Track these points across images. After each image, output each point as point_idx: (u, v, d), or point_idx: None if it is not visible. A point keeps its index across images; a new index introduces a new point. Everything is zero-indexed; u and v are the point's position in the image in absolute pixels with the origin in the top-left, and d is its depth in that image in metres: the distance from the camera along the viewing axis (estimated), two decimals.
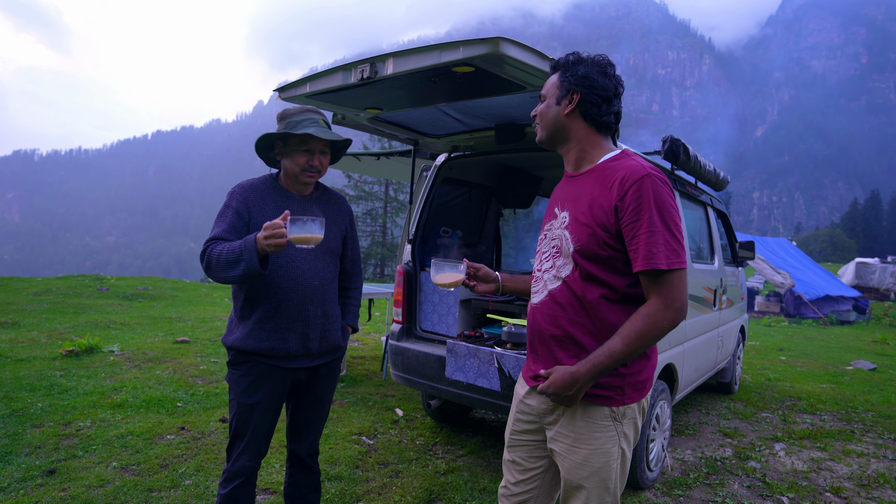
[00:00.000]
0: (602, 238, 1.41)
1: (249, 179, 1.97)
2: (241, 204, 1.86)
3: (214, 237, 1.81)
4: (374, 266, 26.10)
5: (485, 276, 1.81)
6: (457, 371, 2.77)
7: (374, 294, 5.48)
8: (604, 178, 1.46)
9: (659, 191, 1.37)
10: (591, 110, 1.48)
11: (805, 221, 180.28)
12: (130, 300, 10.24)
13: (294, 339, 1.92)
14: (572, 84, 1.48)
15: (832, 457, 3.67)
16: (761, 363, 7.14)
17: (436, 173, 3.62)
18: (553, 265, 1.54)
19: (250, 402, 1.88)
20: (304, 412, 2.08)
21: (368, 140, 23.85)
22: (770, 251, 14.44)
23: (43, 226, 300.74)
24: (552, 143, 1.59)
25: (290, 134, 1.86)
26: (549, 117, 1.54)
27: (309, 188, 2.01)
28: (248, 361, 1.89)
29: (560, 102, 1.51)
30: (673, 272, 1.35)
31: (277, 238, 1.62)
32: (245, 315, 1.90)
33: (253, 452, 1.91)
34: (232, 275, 1.71)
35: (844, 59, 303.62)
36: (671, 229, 1.36)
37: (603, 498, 1.51)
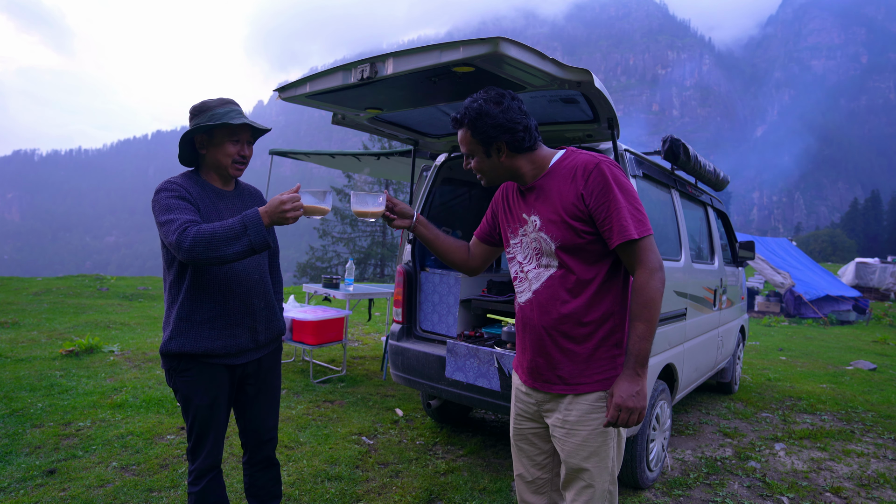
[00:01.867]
0: (577, 227, 1.55)
1: (176, 179, 1.87)
2: (187, 194, 1.80)
3: (188, 220, 1.69)
4: (374, 266, 26.10)
5: (401, 212, 1.82)
6: (457, 371, 2.78)
7: (374, 294, 5.48)
8: (562, 175, 1.59)
9: (615, 172, 1.54)
10: (518, 144, 1.59)
11: (805, 221, 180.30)
12: (130, 300, 10.24)
13: (243, 335, 1.93)
14: (490, 136, 1.58)
15: (832, 457, 3.67)
16: (761, 363, 7.14)
17: (436, 173, 3.62)
18: (538, 264, 1.65)
19: (207, 402, 1.88)
20: (257, 403, 2.07)
21: (368, 140, 23.86)
22: (770, 251, 14.44)
23: (43, 226, 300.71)
24: (502, 181, 1.72)
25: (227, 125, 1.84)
26: (489, 169, 1.65)
27: (233, 182, 2.01)
28: (196, 364, 1.86)
29: (490, 154, 1.62)
30: (644, 238, 1.51)
31: (297, 210, 1.67)
32: (189, 317, 1.84)
33: (219, 448, 1.95)
34: (231, 251, 1.66)
35: (844, 59, 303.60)
36: (632, 203, 1.52)
37: (603, 477, 1.60)
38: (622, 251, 1.54)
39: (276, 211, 1.66)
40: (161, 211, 1.76)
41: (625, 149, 2.91)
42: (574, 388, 1.60)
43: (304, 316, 4.73)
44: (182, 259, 1.67)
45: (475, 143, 1.61)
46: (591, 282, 1.58)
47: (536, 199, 1.63)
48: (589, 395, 1.59)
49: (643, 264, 1.51)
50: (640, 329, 1.50)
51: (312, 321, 4.67)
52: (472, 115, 1.58)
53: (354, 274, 5.58)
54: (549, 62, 2.03)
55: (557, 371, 1.62)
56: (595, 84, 2.12)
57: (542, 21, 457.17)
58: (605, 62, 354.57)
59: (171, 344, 1.83)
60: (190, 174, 1.93)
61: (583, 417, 1.59)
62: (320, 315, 4.78)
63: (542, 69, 2.01)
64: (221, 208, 1.91)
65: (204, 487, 1.91)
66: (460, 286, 3.41)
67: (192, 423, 1.90)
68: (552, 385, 1.64)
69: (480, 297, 3.51)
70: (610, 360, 1.59)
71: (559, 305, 1.60)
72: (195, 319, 1.84)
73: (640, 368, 1.50)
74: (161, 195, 1.79)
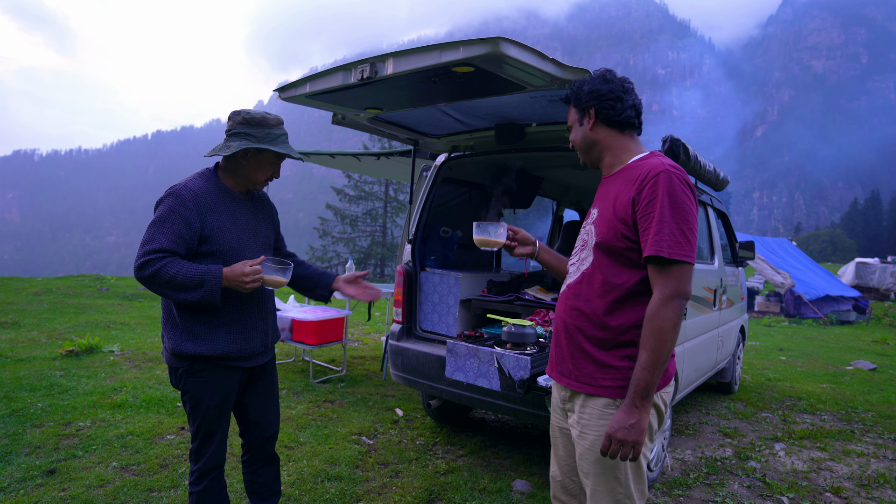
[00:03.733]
0: (620, 230, 1.50)
1: (192, 181, 1.89)
2: (193, 213, 1.81)
3: (163, 249, 1.74)
4: (374, 266, 26.10)
5: (523, 239, 1.87)
6: (457, 371, 2.77)
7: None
8: (630, 175, 1.54)
9: (673, 186, 1.43)
10: (608, 114, 1.59)
11: (805, 221, 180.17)
12: (130, 300, 10.24)
13: (257, 339, 1.99)
14: (584, 103, 1.62)
15: (832, 457, 3.66)
16: (761, 363, 7.14)
17: (436, 173, 3.62)
18: (578, 258, 1.65)
19: (217, 403, 1.92)
20: (262, 400, 2.12)
21: (368, 140, 23.85)
22: (770, 251, 14.42)
23: (43, 226, 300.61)
24: (592, 161, 1.69)
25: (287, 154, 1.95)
26: (580, 138, 1.66)
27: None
28: (210, 366, 1.89)
29: (582, 122, 1.64)
30: (674, 263, 1.40)
31: (256, 282, 1.81)
32: (203, 320, 1.86)
33: (223, 448, 1.98)
34: (181, 297, 1.75)
35: (844, 60, 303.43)
36: (679, 224, 1.41)
37: (613, 487, 1.54)
38: (650, 268, 1.45)
39: (236, 278, 1.78)
40: (155, 218, 1.80)
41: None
42: (583, 387, 1.57)
43: (304, 316, 4.73)
44: (135, 276, 1.76)
45: (573, 112, 1.67)
46: (618, 287, 1.51)
47: (604, 193, 1.62)
48: (598, 400, 1.54)
49: (662, 288, 1.41)
50: (643, 358, 1.40)
51: (312, 321, 4.67)
52: (576, 85, 1.65)
53: None
54: (548, 62, 2.03)
55: (569, 365, 1.61)
56: None
57: (544, 21, 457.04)
58: (605, 62, 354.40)
59: (187, 346, 1.85)
60: (209, 176, 1.94)
61: (591, 422, 1.55)
62: (320, 315, 4.78)
63: (542, 69, 2.01)
64: (236, 211, 1.95)
65: (205, 487, 1.93)
66: (460, 286, 3.41)
67: (199, 424, 1.91)
68: (563, 378, 1.63)
69: (480, 297, 3.51)
70: (625, 371, 1.52)
71: (582, 302, 1.57)
72: (213, 323, 1.87)
73: (638, 400, 1.40)
74: (167, 201, 1.81)
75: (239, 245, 1.91)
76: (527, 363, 2.33)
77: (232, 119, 1.93)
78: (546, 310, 3.15)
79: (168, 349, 1.91)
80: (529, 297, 3.42)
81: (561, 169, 4.36)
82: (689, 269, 1.42)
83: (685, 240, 1.41)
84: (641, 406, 1.40)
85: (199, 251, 1.84)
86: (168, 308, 1.91)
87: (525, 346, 2.51)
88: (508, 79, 2.17)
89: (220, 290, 1.78)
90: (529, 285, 3.69)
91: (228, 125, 1.93)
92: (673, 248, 1.39)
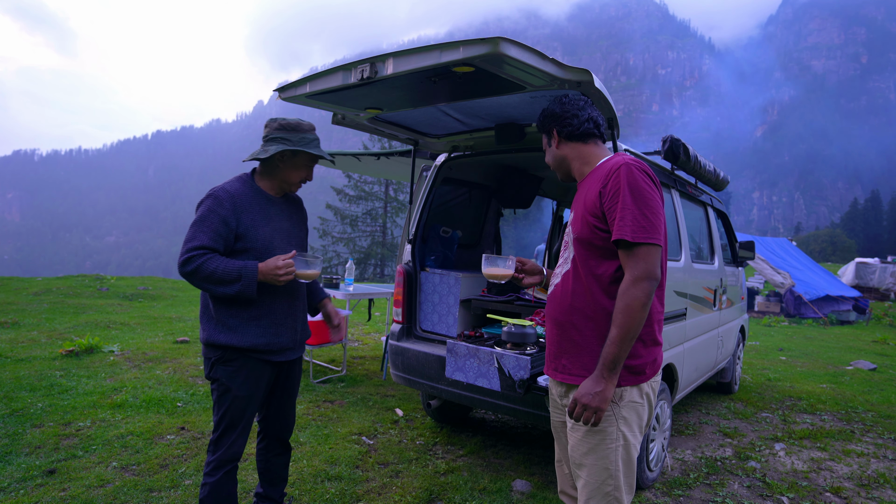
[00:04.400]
0: (591, 223, 1.61)
1: (230, 184, 2.04)
2: (229, 213, 1.96)
3: (203, 246, 1.90)
4: (374, 266, 26.10)
5: (531, 270, 1.99)
6: (457, 371, 2.77)
7: (374, 294, 5.48)
8: (597, 175, 1.67)
9: (633, 176, 1.56)
10: (569, 131, 1.75)
11: (805, 221, 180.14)
12: (130, 300, 10.24)
13: (286, 334, 2.11)
14: (546, 126, 1.80)
15: (832, 457, 3.66)
16: (761, 363, 7.14)
17: (436, 173, 3.62)
18: (563, 258, 1.77)
19: (245, 395, 2.02)
20: (286, 397, 2.27)
21: (368, 140, 23.84)
22: (770, 251, 14.43)
23: (43, 226, 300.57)
24: (566, 174, 1.84)
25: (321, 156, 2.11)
26: (551, 159, 1.83)
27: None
28: (241, 357, 2.00)
29: (550, 144, 1.82)
30: (639, 245, 1.51)
31: (289, 275, 1.96)
32: (236, 313, 1.99)
33: (242, 441, 2.08)
34: (220, 291, 1.90)
35: (844, 59, 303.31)
36: (641, 209, 1.53)
37: (603, 479, 1.60)
38: (620, 252, 1.56)
39: (270, 272, 1.93)
40: (196, 218, 1.97)
41: (625, 149, 2.91)
42: (576, 379, 1.64)
43: None
44: (178, 272, 1.91)
45: (544, 138, 1.84)
46: (600, 277, 1.61)
47: (578, 196, 1.74)
48: None
49: (632, 270, 1.52)
50: (613, 333, 1.50)
51: (312, 321, 4.67)
52: (539, 116, 1.82)
53: (354, 274, 5.58)
54: (549, 62, 2.03)
55: (563, 360, 1.69)
56: (595, 84, 2.12)
57: (544, 22, 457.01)
58: (605, 62, 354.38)
59: (220, 336, 1.98)
60: (245, 179, 2.10)
61: None
62: (320, 315, 4.77)
63: (542, 69, 2.01)
64: (272, 213, 2.10)
65: (220, 479, 2.01)
66: (460, 286, 3.41)
67: (223, 414, 2.01)
68: (558, 373, 1.71)
69: (480, 297, 3.51)
70: None
71: (570, 297, 1.66)
72: (244, 316, 2.00)
73: (605, 371, 1.51)
74: (207, 202, 1.97)
75: (271, 243, 2.05)
76: (527, 363, 2.33)
77: (269, 126, 2.08)
78: None
79: (202, 340, 2.04)
80: (529, 297, 3.42)
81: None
82: (656, 251, 1.53)
83: (648, 223, 1.52)
84: (608, 377, 1.51)
85: (234, 248, 1.98)
86: (205, 302, 2.05)
87: (525, 346, 2.52)
88: (508, 79, 2.17)
89: (256, 283, 1.92)
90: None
91: (265, 132, 2.08)
92: (637, 231, 1.50)
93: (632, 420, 1.61)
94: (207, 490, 2.00)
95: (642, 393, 1.63)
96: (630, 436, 1.61)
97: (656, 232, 1.53)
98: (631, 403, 1.61)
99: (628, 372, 1.59)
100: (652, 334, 1.63)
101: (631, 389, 1.60)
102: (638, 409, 1.62)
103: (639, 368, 1.60)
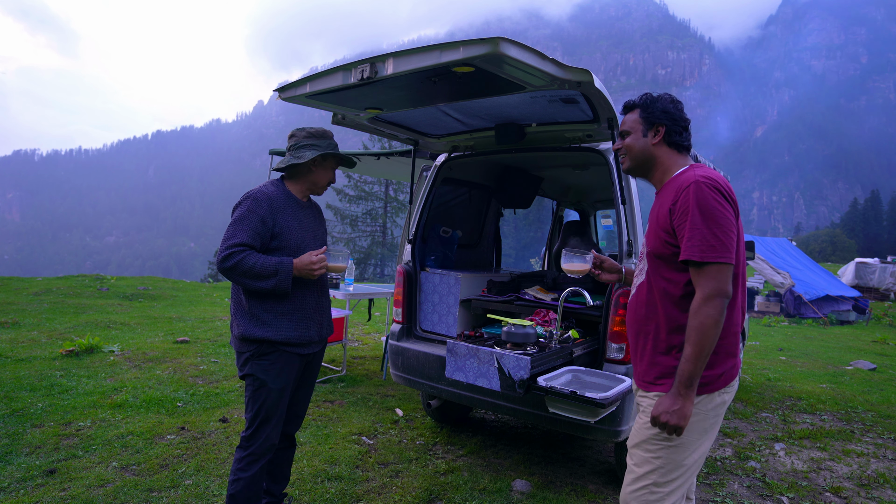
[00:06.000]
0: (663, 238, 1.66)
1: (266, 187, 2.17)
2: (267, 213, 2.09)
3: (243, 243, 2.01)
4: (374, 266, 26.10)
5: (609, 268, 2.04)
6: (457, 371, 2.77)
7: (374, 294, 5.48)
8: (670, 188, 1.70)
9: (702, 194, 1.57)
10: (675, 138, 1.76)
11: (805, 221, 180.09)
12: (130, 300, 10.24)
13: (314, 328, 2.22)
14: (656, 118, 1.75)
15: (832, 457, 3.67)
16: (761, 363, 7.14)
17: (436, 173, 3.62)
18: (638, 269, 1.84)
19: (279, 387, 2.11)
20: (304, 388, 2.36)
21: (368, 140, 23.84)
22: (770, 251, 14.43)
23: (43, 226, 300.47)
24: (640, 171, 1.83)
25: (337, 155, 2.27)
26: (638, 148, 1.79)
27: (308, 196, 2.35)
28: (274, 351, 2.09)
29: (647, 134, 1.77)
30: (707, 265, 1.54)
31: (322, 269, 2.10)
32: (269, 308, 2.10)
33: (278, 433, 2.17)
34: (258, 285, 2.01)
35: (844, 59, 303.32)
36: (711, 228, 1.55)
37: (643, 469, 1.66)
38: (691, 271, 1.60)
39: (305, 266, 2.07)
40: (235, 217, 2.07)
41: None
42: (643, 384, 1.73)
43: None
44: (217, 268, 2.03)
45: (639, 121, 1.78)
46: (670, 291, 1.65)
47: (652, 209, 1.78)
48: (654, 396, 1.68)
49: (702, 289, 1.54)
50: (688, 351, 1.54)
51: None
52: (650, 99, 1.78)
53: (354, 274, 5.58)
54: (548, 62, 2.03)
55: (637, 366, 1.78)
56: (595, 84, 2.12)
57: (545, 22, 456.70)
58: (605, 62, 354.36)
59: (256, 330, 2.06)
60: (278, 184, 2.23)
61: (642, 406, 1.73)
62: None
63: (542, 69, 2.01)
64: (300, 214, 2.23)
65: (255, 474, 2.08)
66: (460, 286, 3.41)
67: (259, 408, 2.09)
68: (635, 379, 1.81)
69: (480, 297, 3.50)
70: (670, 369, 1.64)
71: (642, 307, 1.74)
72: (277, 311, 2.10)
73: (682, 388, 1.54)
74: (246, 203, 2.09)
75: (302, 242, 2.19)
76: (527, 363, 2.33)
77: (296, 136, 2.24)
78: (546, 310, 3.15)
79: (237, 335, 2.11)
80: (529, 297, 3.42)
81: (561, 169, 4.36)
82: (726, 269, 1.54)
83: (718, 242, 1.53)
84: (685, 394, 1.54)
85: (270, 246, 2.10)
86: (238, 298, 2.13)
87: (525, 346, 2.51)
88: (508, 79, 2.17)
89: (291, 278, 2.04)
90: (529, 285, 3.69)
91: (293, 141, 2.23)
92: (705, 251, 1.53)
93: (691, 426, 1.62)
94: (242, 485, 2.06)
95: (712, 400, 1.65)
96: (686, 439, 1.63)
97: (725, 250, 1.54)
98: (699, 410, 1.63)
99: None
100: (726, 347, 1.65)
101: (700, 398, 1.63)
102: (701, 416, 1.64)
103: (707, 379, 1.62)
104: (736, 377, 1.69)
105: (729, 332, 1.64)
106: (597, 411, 2.06)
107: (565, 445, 3.66)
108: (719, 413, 1.69)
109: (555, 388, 2.15)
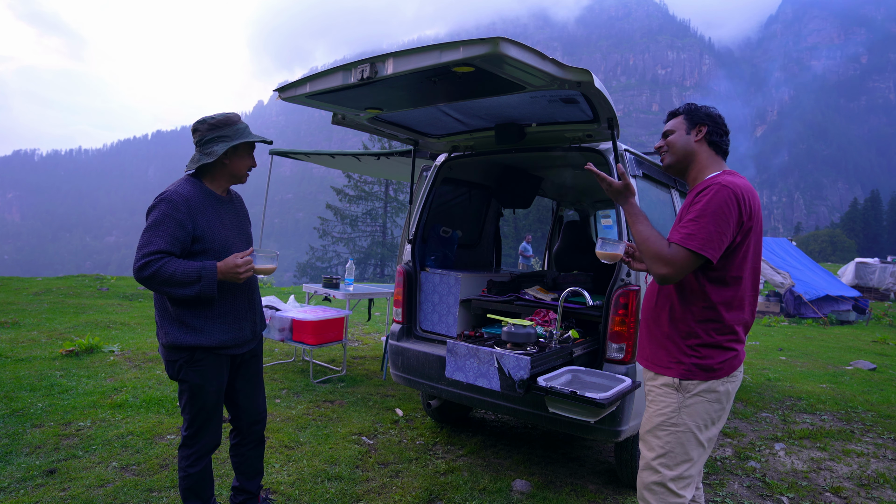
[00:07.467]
0: None
1: (181, 187, 2.03)
2: (185, 215, 1.97)
3: (161, 250, 1.89)
4: (374, 266, 26.10)
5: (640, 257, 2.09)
6: (457, 371, 2.77)
7: (374, 294, 5.48)
8: (699, 188, 1.77)
9: (719, 195, 1.66)
10: (715, 139, 1.85)
11: (805, 221, 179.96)
12: (130, 300, 10.24)
13: (248, 327, 2.18)
14: (699, 119, 1.87)
15: (832, 457, 3.67)
16: (761, 363, 7.14)
17: (436, 173, 3.62)
18: None
19: (215, 389, 2.09)
20: (250, 387, 2.31)
21: (368, 140, 23.85)
22: (770, 251, 14.42)
23: (43, 226, 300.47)
24: (679, 166, 1.91)
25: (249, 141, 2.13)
26: (680, 144, 1.88)
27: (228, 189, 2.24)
28: (208, 355, 2.04)
29: (689, 132, 1.87)
30: (677, 246, 1.67)
31: (248, 272, 1.99)
32: (199, 313, 2.02)
33: (220, 430, 2.18)
34: (181, 293, 1.91)
35: (844, 59, 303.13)
36: (700, 220, 1.66)
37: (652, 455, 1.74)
38: None
39: (230, 270, 1.96)
40: (150, 223, 1.94)
41: (625, 149, 2.91)
42: (656, 367, 1.81)
43: (304, 316, 4.73)
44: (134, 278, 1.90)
45: (683, 121, 1.89)
46: (679, 284, 1.77)
47: (682, 207, 1.86)
48: (660, 378, 1.78)
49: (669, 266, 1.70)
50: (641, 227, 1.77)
51: (312, 321, 4.67)
52: (695, 105, 1.90)
53: (354, 274, 5.58)
54: (548, 62, 2.03)
55: (645, 351, 1.89)
56: (595, 84, 2.12)
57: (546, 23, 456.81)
58: (605, 62, 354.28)
59: (186, 338, 1.99)
60: (194, 182, 2.09)
61: (653, 398, 1.81)
62: (320, 315, 4.78)
63: (542, 69, 2.01)
64: (221, 211, 2.13)
65: (203, 469, 2.09)
66: (460, 286, 3.41)
67: (198, 411, 2.05)
68: (644, 361, 1.90)
69: (480, 297, 3.50)
70: (679, 352, 1.75)
71: (653, 298, 1.89)
72: (207, 315, 2.02)
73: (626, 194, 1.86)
74: (161, 206, 1.95)
75: (227, 242, 2.09)
76: (527, 363, 2.33)
77: (199, 130, 2.09)
78: (546, 310, 3.15)
79: (165, 343, 2.03)
80: (529, 297, 3.42)
81: (561, 169, 4.36)
82: (686, 253, 1.65)
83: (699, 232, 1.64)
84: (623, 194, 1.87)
85: (192, 250, 2.00)
86: (162, 305, 2.04)
87: (525, 346, 2.51)
88: (508, 79, 2.17)
89: (217, 282, 1.95)
90: (529, 285, 3.69)
91: (198, 136, 2.09)
92: (685, 238, 1.66)
93: (698, 413, 1.71)
94: (194, 480, 2.08)
95: (712, 389, 1.72)
96: (694, 427, 1.72)
97: (700, 242, 1.63)
98: (700, 396, 1.72)
99: (700, 369, 1.71)
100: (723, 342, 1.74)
101: (701, 384, 1.71)
102: (706, 404, 1.72)
103: (709, 367, 1.71)
104: (738, 368, 1.79)
105: (727, 328, 1.73)
106: (597, 411, 2.06)
107: (565, 445, 3.66)
108: (724, 403, 1.75)
109: (555, 389, 2.15)
